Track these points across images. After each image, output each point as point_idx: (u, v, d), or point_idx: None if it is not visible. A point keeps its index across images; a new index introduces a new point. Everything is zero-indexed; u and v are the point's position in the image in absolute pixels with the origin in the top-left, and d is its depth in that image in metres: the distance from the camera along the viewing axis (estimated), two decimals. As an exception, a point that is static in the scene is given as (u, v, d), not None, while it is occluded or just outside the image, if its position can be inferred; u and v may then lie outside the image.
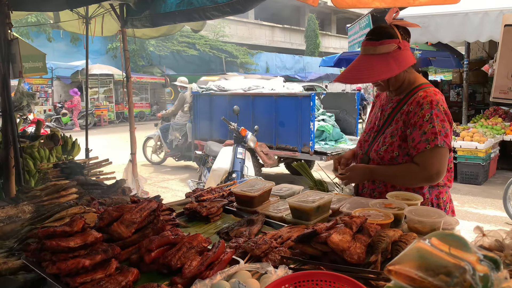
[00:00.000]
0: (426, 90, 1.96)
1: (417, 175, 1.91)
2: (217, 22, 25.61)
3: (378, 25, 2.07)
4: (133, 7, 4.33)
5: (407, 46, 1.95)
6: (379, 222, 1.53)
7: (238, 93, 7.64)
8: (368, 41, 1.99)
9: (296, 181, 3.36)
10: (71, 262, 1.18)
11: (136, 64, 22.82)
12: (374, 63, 1.93)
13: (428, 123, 1.88)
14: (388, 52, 1.90)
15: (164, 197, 5.83)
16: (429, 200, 1.99)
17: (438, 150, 1.86)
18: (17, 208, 2.17)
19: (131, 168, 5.26)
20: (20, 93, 4.14)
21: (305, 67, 30.83)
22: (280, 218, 1.83)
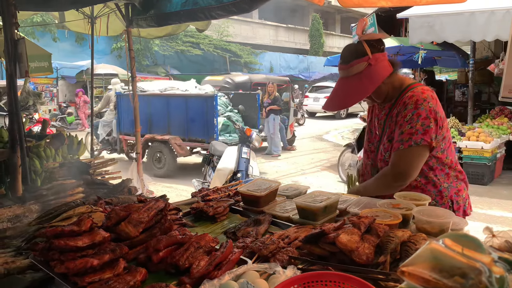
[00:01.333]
0: (414, 90, 1.97)
1: (387, 175, 1.97)
2: (221, 22, 25.62)
3: (347, 45, 2.07)
4: (138, 7, 4.33)
5: (380, 58, 1.95)
6: (388, 223, 1.52)
7: (155, 93, 8.98)
8: (340, 64, 2.02)
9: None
10: (79, 262, 1.18)
11: (141, 64, 22.86)
12: (349, 85, 1.96)
13: (407, 123, 1.91)
14: (360, 72, 1.91)
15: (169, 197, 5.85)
16: (448, 197, 1.99)
17: (409, 151, 1.89)
18: (24, 208, 2.17)
19: (136, 168, 5.28)
20: (26, 92, 4.16)
21: (309, 66, 30.79)
22: (287, 218, 1.83)
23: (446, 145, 2.01)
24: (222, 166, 4.94)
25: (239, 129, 5.02)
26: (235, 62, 26.14)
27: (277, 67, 29.65)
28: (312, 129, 16.33)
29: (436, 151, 1.97)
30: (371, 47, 1.91)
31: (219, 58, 25.87)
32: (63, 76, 20.16)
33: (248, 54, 26.74)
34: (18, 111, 2.89)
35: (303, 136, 14.14)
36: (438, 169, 2.00)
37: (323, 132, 15.60)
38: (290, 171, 8.74)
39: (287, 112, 12.27)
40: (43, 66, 5.55)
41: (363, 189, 2.11)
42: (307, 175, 8.39)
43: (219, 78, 11.55)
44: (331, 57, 11.94)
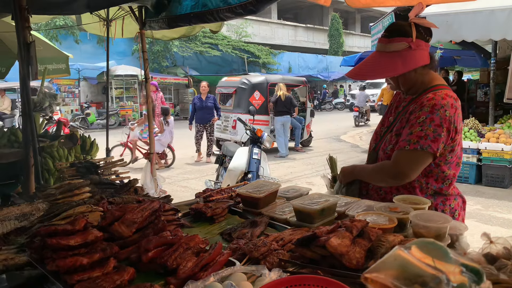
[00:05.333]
0: (436, 92, 1.91)
1: (385, 170, 1.95)
2: (239, 22, 25.72)
3: (395, 21, 2.04)
4: (151, 9, 4.39)
5: (421, 45, 1.90)
6: (381, 227, 1.50)
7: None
8: (381, 37, 1.97)
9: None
10: (69, 260, 1.21)
11: (161, 65, 23.18)
12: (381, 60, 1.92)
13: (419, 125, 1.86)
14: (397, 51, 1.87)
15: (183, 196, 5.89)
16: (433, 205, 1.94)
17: (414, 153, 1.85)
18: (32, 206, 2.23)
19: (149, 168, 5.34)
20: (43, 94, 4.26)
21: (328, 66, 30.60)
22: (284, 220, 1.82)
23: (452, 158, 1.94)
24: (233, 167, 4.96)
25: (249, 130, 5.03)
26: (253, 62, 26.21)
27: (296, 67, 29.58)
28: (329, 130, 16.21)
29: (439, 160, 1.91)
30: (418, 32, 1.87)
31: (238, 59, 25.98)
32: (85, 77, 20.62)
33: (266, 54, 26.76)
34: (31, 112, 2.98)
35: (320, 136, 14.06)
36: (432, 178, 1.94)
37: (341, 133, 15.47)
38: (304, 172, 8.71)
39: (304, 113, 12.23)
40: (61, 68, 5.69)
41: (358, 172, 2.12)
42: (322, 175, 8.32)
43: (236, 78, 11.58)
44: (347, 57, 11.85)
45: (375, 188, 2.09)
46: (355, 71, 2.04)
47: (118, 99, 21.22)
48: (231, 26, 25.59)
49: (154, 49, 22.77)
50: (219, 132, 10.86)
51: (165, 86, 23.02)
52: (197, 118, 9.99)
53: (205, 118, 9.92)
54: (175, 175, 8.66)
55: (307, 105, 12.28)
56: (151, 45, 22.43)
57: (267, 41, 29.05)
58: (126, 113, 20.82)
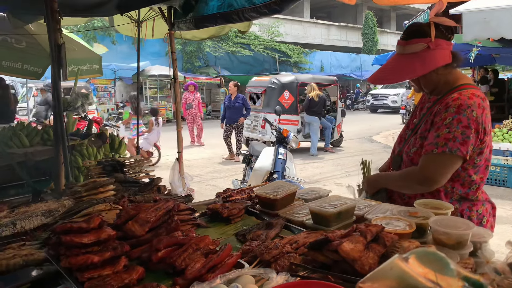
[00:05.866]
0: (462, 92, 1.82)
1: (412, 176, 1.86)
2: (271, 22, 25.70)
3: (414, 22, 1.98)
4: (179, 10, 4.45)
5: (442, 45, 1.83)
6: (398, 232, 1.44)
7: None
8: (400, 40, 1.92)
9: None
10: (81, 258, 1.24)
11: (193, 65, 23.52)
12: (400, 63, 1.87)
13: (446, 127, 1.77)
14: (416, 52, 1.81)
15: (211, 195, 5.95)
16: (458, 210, 1.86)
17: (442, 157, 1.76)
18: (58, 203, 2.31)
19: (177, 166, 5.42)
20: (76, 94, 4.41)
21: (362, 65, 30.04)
22: (300, 223, 1.80)
23: (481, 162, 1.84)
24: (259, 167, 4.95)
25: (275, 130, 5.01)
26: (285, 62, 26.12)
27: (328, 66, 29.23)
28: (361, 130, 15.91)
29: (467, 163, 1.82)
30: (437, 32, 1.81)
31: (269, 59, 25.97)
32: (120, 77, 21.23)
33: (298, 53, 26.61)
34: (61, 112, 3.08)
35: (351, 136, 13.82)
36: (458, 183, 1.85)
37: (373, 133, 15.15)
38: (334, 172, 8.59)
39: (335, 112, 12.06)
40: (94, 69, 5.87)
41: (383, 180, 2.06)
42: (351, 177, 8.18)
43: (265, 78, 11.57)
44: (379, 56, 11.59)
45: (399, 192, 2.02)
46: (375, 76, 1.99)
47: (152, 99, 21.69)
48: (263, 25, 25.61)
49: (187, 50, 23.13)
50: (248, 131, 10.89)
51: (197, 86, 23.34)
52: (226, 117, 10.11)
53: (233, 118, 10.01)
54: (204, 173, 8.76)
55: (338, 105, 12.10)
56: (184, 46, 22.80)
57: (299, 40, 28.87)
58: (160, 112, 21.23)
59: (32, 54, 4.94)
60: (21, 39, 4.83)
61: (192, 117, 12.45)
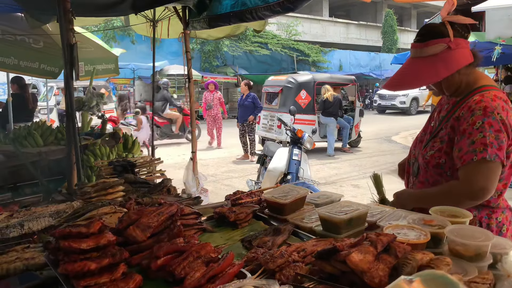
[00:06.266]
0: (484, 94, 1.72)
1: (459, 192, 1.70)
2: (290, 20, 25.56)
3: (426, 23, 1.88)
4: (194, 10, 4.42)
5: (461, 44, 1.73)
6: (411, 242, 1.36)
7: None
8: (415, 42, 1.82)
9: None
10: (78, 265, 1.20)
11: (211, 65, 23.58)
12: (419, 67, 1.76)
13: (479, 131, 1.65)
14: (436, 54, 1.71)
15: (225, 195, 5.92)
16: (477, 218, 1.75)
17: (486, 164, 1.63)
18: (66, 204, 2.30)
19: (191, 166, 5.40)
20: (91, 93, 4.44)
21: (381, 64, 29.60)
22: (309, 229, 1.73)
23: (508, 165, 1.73)
24: (273, 167, 4.88)
25: (290, 130, 4.93)
26: (302, 61, 25.94)
27: (347, 65, 28.90)
28: (380, 130, 15.66)
29: None
30: (454, 31, 1.72)
31: (287, 58, 25.84)
32: (140, 76, 21.43)
33: (316, 52, 26.38)
34: (74, 112, 3.08)
35: (370, 137, 13.61)
36: None
37: (392, 133, 14.88)
38: (351, 173, 8.45)
39: (352, 112, 11.90)
40: (110, 68, 5.91)
41: (417, 199, 1.86)
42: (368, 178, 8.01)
43: (282, 77, 11.48)
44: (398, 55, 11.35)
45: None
46: (392, 82, 1.87)
47: (172, 98, 21.82)
48: (281, 24, 25.50)
49: (205, 49, 23.20)
50: (264, 131, 10.84)
51: (216, 84, 23.41)
52: (238, 116, 10.30)
53: (243, 116, 10.10)
54: (219, 173, 8.74)
55: (356, 105, 11.93)
56: (202, 45, 22.88)
57: (317, 39, 28.64)
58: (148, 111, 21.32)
59: (49, 54, 4.99)
60: (38, 39, 4.89)
61: (212, 118, 11.81)
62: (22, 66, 4.87)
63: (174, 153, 10.70)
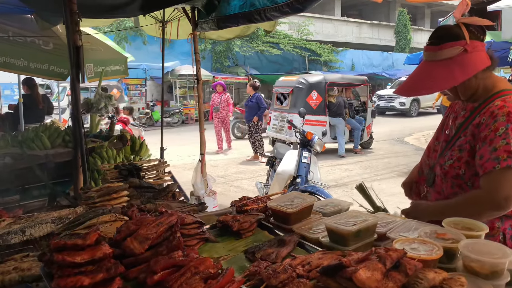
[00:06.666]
0: (505, 98, 1.63)
1: (482, 202, 1.61)
2: (301, 20, 25.42)
3: (440, 26, 1.79)
4: (202, 10, 4.38)
5: (478, 46, 1.64)
6: (423, 258, 1.28)
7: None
8: (428, 45, 1.73)
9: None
10: (70, 280, 1.16)
11: (223, 65, 23.58)
12: (434, 71, 1.67)
13: (501, 138, 1.56)
14: (451, 57, 1.62)
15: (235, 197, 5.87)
16: (500, 230, 1.66)
17: (510, 172, 1.54)
18: (69, 209, 2.26)
19: (200, 168, 5.36)
20: (99, 95, 4.42)
21: (394, 64, 29.26)
22: (316, 240, 1.65)
23: None
24: (282, 170, 4.81)
25: (299, 133, 4.85)
26: (314, 61, 25.78)
27: (359, 65, 28.65)
28: (393, 131, 15.46)
29: None
30: (470, 33, 1.63)
31: (298, 58, 25.71)
32: (151, 76, 21.54)
33: (328, 52, 26.19)
34: (80, 114, 3.05)
35: (382, 138, 13.43)
36: None
37: (405, 134, 14.67)
38: (362, 175, 8.32)
39: (364, 113, 11.75)
40: (119, 69, 5.90)
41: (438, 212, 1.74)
42: (380, 180, 7.91)
43: (293, 78, 11.38)
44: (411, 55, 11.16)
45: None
46: (405, 87, 1.79)
47: (182, 98, 21.90)
48: (293, 24, 25.37)
49: (216, 49, 23.20)
50: (274, 132, 10.76)
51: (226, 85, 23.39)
52: (245, 117, 10.46)
53: (249, 117, 10.20)
54: (229, 174, 8.70)
55: (368, 105, 11.77)
56: (213, 45, 22.89)
57: (329, 38, 28.43)
58: (189, 112, 21.42)
59: (58, 56, 5.00)
60: (48, 41, 4.90)
61: (219, 120, 11.20)
62: (32, 67, 4.89)
63: (185, 154, 10.70)
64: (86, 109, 4.47)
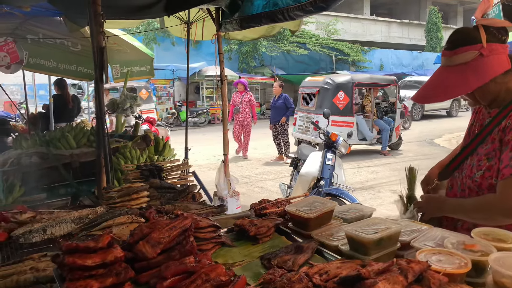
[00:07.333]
0: None
1: (494, 208, 1.54)
2: (328, 19, 25.13)
3: (458, 28, 1.69)
4: (226, 11, 4.36)
5: (497, 49, 1.54)
6: (448, 272, 1.20)
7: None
8: (444, 50, 1.64)
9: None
10: (79, 284, 1.14)
11: (249, 65, 23.60)
12: (448, 77, 1.59)
13: None
14: (466, 62, 1.53)
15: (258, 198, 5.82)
16: None
17: None
18: (90, 209, 2.28)
19: (223, 168, 5.35)
20: (125, 95, 4.47)
21: (424, 63, 28.50)
22: (335, 248, 1.59)
23: None
24: (305, 172, 4.73)
25: (323, 134, 4.76)
26: (342, 60, 25.43)
27: (388, 65, 28.07)
28: (422, 132, 15.04)
29: None
30: (489, 35, 1.55)
31: (325, 57, 25.42)
32: (179, 77, 21.81)
33: (356, 52, 25.77)
34: (103, 115, 3.08)
35: (412, 139, 13.10)
36: None
37: (435, 136, 14.24)
38: (389, 178, 8.12)
39: (393, 114, 11.48)
40: (145, 70, 5.97)
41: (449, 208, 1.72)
42: (408, 184, 7.67)
43: (319, 78, 11.23)
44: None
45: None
46: (421, 94, 1.71)
47: (208, 98, 22.07)
48: (320, 24, 25.11)
49: (243, 50, 23.24)
50: (300, 133, 10.66)
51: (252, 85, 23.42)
52: (270, 118, 10.24)
53: (275, 118, 10.04)
54: (253, 175, 8.67)
55: (396, 106, 11.49)
56: (240, 46, 22.95)
57: (358, 38, 27.99)
58: (216, 112, 21.57)
59: (86, 57, 5.10)
60: (76, 42, 5.01)
61: (240, 122, 10.38)
62: (61, 68, 5.01)
63: (210, 154, 10.75)
64: (112, 109, 4.53)
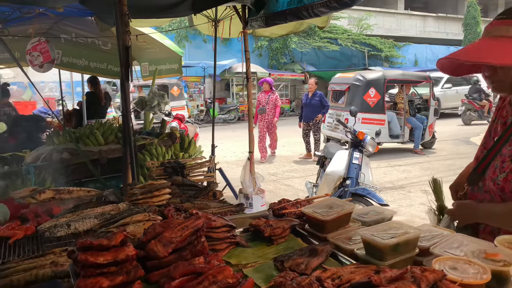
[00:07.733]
0: None
1: None
2: (361, 14, 24.64)
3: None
4: (252, 8, 4.36)
5: None
6: (465, 282, 1.14)
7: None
8: (497, 20, 1.52)
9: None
10: (90, 281, 1.16)
11: (279, 62, 23.51)
12: (504, 45, 1.44)
13: None
14: None
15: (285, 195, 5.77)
16: None
17: None
18: (112, 206, 2.33)
19: (249, 166, 5.36)
20: (153, 93, 4.55)
21: (462, 59, 27.39)
22: (350, 252, 1.55)
23: None
24: (331, 171, 4.66)
25: (350, 132, 4.66)
26: (374, 56, 24.88)
27: (423, 61, 27.24)
28: (459, 130, 14.52)
29: None
30: None
31: (358, 53, 24.95)
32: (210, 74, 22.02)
33: (389, 47, 25.14)
34: (129, 113, 3.14)
35: (446, 138, 12.66)
36: None
37: (472, 133, 13.70)
38: (421, 178, 7.88)
39: (426, 112, 11.13)
40: (173, 68, 6.05)
41: (482, 215, 1.62)
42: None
43: (349, 75, 11.02)
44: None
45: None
46: (465, 52, 1.54)
47: (238, 95, 22.17)
48: (353, 19, 24.66)
49: (273, 46, 23.18)
50: (329, 130, 10.51)
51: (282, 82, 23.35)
52: (303, 115, 9.92)
53: (309, 116, 9.78)
54: (280, 172, 8.64)
55: (430, 103, 11.12)
56: (270, 42, 22.89)
57: (391, 33, 27.29)
58: (245, 109, 21.64)
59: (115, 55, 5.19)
60: (107, 41, 5.14)
61: (265, 124, 9.89)
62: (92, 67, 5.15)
63: (238, 150, 10.80)
64: (140, 107, 4.62)
